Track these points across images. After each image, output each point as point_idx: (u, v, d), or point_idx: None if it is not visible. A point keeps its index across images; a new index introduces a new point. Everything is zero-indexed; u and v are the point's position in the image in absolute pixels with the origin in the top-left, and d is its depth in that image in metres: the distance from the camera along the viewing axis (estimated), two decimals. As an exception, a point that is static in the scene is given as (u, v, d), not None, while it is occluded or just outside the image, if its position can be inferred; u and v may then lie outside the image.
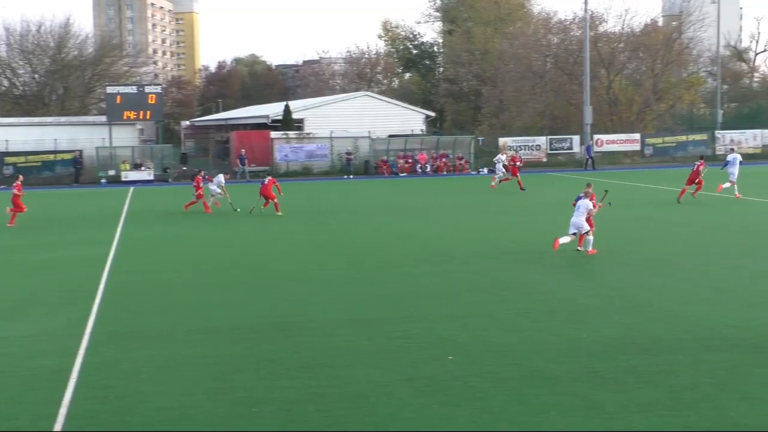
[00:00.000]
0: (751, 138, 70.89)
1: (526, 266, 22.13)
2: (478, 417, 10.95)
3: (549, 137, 69.35)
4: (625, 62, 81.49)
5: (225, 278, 21.32)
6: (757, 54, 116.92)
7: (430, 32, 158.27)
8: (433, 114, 78.55)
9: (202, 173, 40.35)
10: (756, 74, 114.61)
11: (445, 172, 63.47)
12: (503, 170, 47.46)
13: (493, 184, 47.03)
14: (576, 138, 68.55)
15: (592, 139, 67.42)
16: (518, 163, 46.83)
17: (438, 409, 11.25)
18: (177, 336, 15.43)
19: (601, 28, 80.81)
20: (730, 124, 76.42)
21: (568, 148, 68.58)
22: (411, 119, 70.71)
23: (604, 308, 16.95)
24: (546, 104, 79.56)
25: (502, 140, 67.40)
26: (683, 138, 70.98)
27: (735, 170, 38.40)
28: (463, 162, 64.85)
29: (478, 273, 21.27)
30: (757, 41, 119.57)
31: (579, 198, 24.77)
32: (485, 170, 63.56)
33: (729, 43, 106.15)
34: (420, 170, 63.21)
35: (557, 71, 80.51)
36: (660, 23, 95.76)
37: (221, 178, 39.53)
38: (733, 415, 10.81)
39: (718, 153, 69.17)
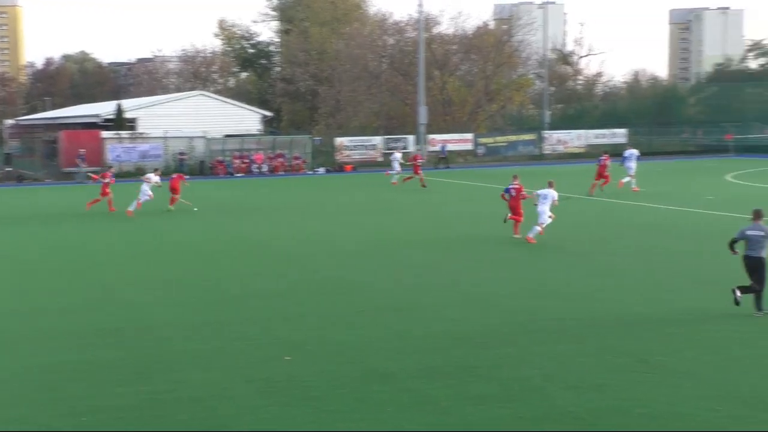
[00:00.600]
0: (575, 138, 73.81)
1: (363, 265, 22.36)
2: (316, 417, 10.99)
3: (385, 137, 70.15)
4: (458, 63, 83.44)
5: (56, 284, 20.60)
6: (581, 57, 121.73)
7: (267, 32, 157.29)
8: (269, 114, 78.08)
9: (112, 170, 38.67)
10: (580, 77, 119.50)
11: (281, 172, 63.27)
12: (399, 168, 49.01)
13: (394, 180, 48.18)
14: (411, 138, 69.61)
15: (426, 139, 68.66)
16: (419, 161, 47.36)
17: (276, 410, 11.24)
18: (1, 345, 14.80)
19: (435, 30, 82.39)
20: (556, 125, 79.42)
21: (403, 148, 69.50)
22: (247, 119, 70.11)
23: (438, 304, 17.32)
24: (382, 104, 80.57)
25: (338, 140, 67.76)
26: (513, 138, 73.24)
27: (633, 165, 40.89)
28: (299, 162, 64.82)
29: (316, 273, 21.34)
30: (580, 45, 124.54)
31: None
32: (322, 170, 63.76)
33: (555, 47, 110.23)
34: (256, 170, 62.80)
35: (393, 72, 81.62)
36: (491, 26, 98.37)
37: (156, 177, 37.58)
38: (560, 403, 11.26)
39: (545, 153, 71.79)
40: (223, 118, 67.51)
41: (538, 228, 25.23)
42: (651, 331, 14.72)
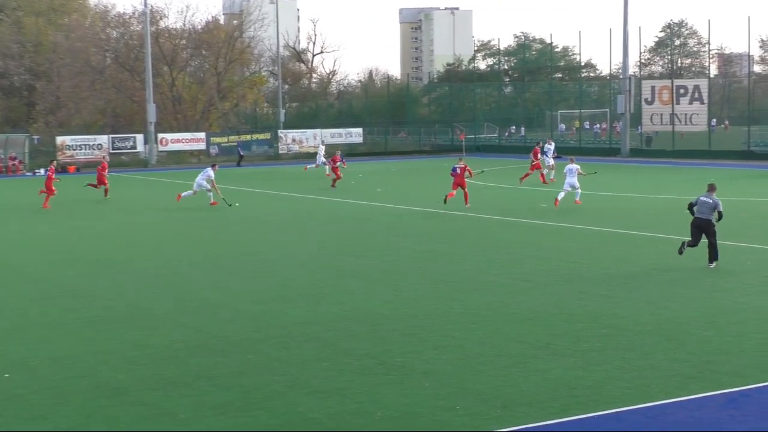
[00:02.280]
0: (311, 137, 74.17)
1: (93, 273, 21.26)
2: (40, 438, 10.20)
3: (111, 136, 67.47)
4: (188, 59, 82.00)
5: None
6: (314, 55, 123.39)
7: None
8: (-20, 110, 73.46)
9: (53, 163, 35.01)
10: (314, 75, 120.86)
11: (-4, 173, 59.47)
12: (323, 160, 51.56)
13: (327, 173, 48.04)
14: (140, 137, 67.48)
15: (156, 138, 66.72)
16: (338, 162, 44.87)
17: (-6, 434, 10.33)
18: None
19: (162, 24, 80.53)
20: (292, 124, 79.85)
21: (132, 147, 67.31)
22: (-45, 116, 65.40)
23: (175, 312, 16.66)
24: (107, 101, 77.52)
25: (60, 139, 64.49)
26: (248, 137, 72.63)
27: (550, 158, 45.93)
28: (16, 162, 61.23)
29: (40, 281, 20.15)
30: (314, 43, 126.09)
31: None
32: (42, 171, 60.52)
33: (288, 44, 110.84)
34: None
35: (118, 67, 78.88)
36: (222, 21, 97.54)
37: (210, 172, 35.45)
38: (301, 410, 11.03)
39: (281, 152, 71.77)
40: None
41: (578, 192, 33.04)
42: (390, 332, 14.78)
